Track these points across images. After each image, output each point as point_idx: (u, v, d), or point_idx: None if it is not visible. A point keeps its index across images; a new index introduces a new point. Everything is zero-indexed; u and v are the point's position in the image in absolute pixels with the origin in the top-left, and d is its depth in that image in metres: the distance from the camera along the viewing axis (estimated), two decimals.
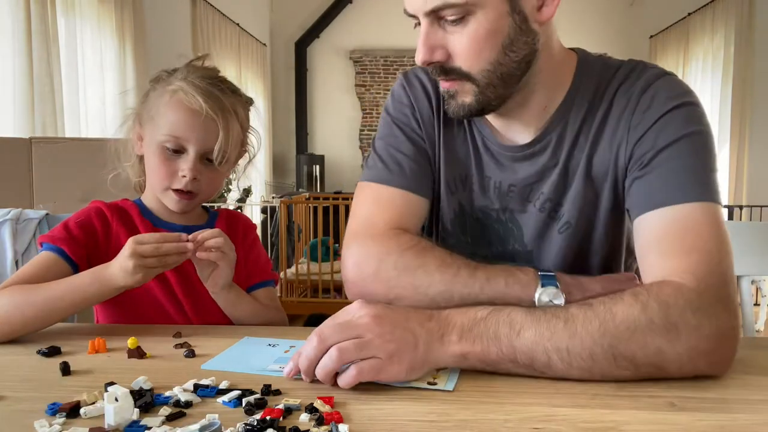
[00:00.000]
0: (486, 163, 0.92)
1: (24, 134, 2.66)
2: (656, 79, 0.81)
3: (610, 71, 0.85)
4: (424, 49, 0.77)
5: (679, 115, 0.78)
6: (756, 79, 4.98)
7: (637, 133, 0.80)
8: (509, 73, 0.78)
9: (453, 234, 0.96)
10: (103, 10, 3.63)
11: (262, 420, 0.54)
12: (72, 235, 0.95)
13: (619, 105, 0.83)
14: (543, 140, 0.86)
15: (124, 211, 1.01)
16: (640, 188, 0.78)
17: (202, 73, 0.98)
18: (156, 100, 0.97)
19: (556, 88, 0.85)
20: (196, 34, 4.98)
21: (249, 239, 1.09)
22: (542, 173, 0.88)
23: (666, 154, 0.76)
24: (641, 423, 0.55)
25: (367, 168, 0.93)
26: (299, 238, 3.92)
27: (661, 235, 0.73)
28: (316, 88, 7.62)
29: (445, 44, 0.77)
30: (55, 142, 2.10)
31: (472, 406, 0.58)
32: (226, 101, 0.97)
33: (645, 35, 6.86)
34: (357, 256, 0.83)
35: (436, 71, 0.79)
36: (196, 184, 0.97)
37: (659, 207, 0.74)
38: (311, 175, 7.18)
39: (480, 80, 0.78)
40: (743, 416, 0.56)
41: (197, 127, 0.94)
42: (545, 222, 0.89)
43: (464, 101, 0.80)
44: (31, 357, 0.76)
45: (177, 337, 0.84)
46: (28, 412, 0.57)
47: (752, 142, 5.00)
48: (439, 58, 0.77)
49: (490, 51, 0.76)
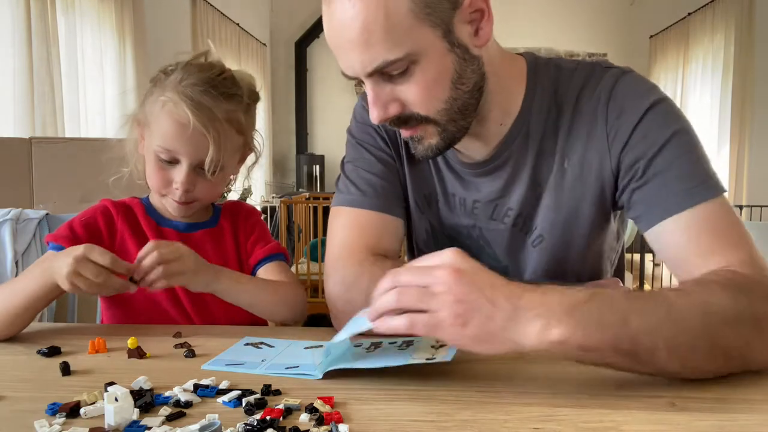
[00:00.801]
0: (449, 180, 0.91)
1: (24, 134, 2.65)
2: (617, 80, 0.80)
3: (564, 75, 0.83)
4: (377, 109, 0.74)
5: (657, 115, 0.77)
6: (756, 79, 4.98)
7: (618, 141, 0.79)
8: (465, 105, 0.77)
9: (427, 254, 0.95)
10: (103, 9, 3.63)
11: (262, 420, 0.54)
12: (75, 234, 0.95)
13: (586, 113, 0.81)
14: (503, 154, 0.85)
15: (129, 210, 1.02)
16: (647, 198, 0.77)
17: (196, 78, 0.94)
18: (150, 107, 0.96)
19: (510, 101, 0.83)
20: (196, 34, 4.97)
21: (250, 222, 1.08)
22: (505, 188, 0.86)
23: (661, 159, 0.76)
24: (641, 423, 0.55)
25: (338, 192, 0.92)
26: (299, 238, 3.92)
27: (692, 237, 0.73)
28: (316, 88, 7.62)
29: (396, 97, 0.74)
30: (55, 142, 2.10)
31: (472, 406, 0.58)
32: (219, 110, 0.93)
33: (645, 35, 6.86)
34: (342, 287, 0.82)
35: (394, 123, 0.77)
36: (191, 194, 0.96)
37: (677, 212, 0.74)
38: (311, 175, 7.17)
39: (440, 120, 0.76)
40: (743, 416, 0.56)
41: (186, 140, 0.92)
42: (517, 236, 0.88)
43: (431, 143, 0.79)
44: (31, 357, 0.76)
45: (177, 337, 0.84)
46: (28, 412, 0.57)
47: (752, 142, 5.00)
48: (394, 112, 0.75)
49: (442, 91, 0.74)
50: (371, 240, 0.86)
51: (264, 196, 6.35)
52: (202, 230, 1.04)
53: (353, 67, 0.73)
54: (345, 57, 0.73)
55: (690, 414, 0.56)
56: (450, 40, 0.72)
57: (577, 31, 6.77)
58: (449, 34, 0.72)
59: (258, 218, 1.10)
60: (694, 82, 5.80)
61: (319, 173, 7.23)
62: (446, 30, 0.72)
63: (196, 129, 0.91)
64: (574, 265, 0.88)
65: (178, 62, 0.98)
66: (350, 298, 0.81)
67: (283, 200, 3.86)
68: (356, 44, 0.70)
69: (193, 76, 0.95)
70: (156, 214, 1.03)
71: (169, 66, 0.99)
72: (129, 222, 1.00)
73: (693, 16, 5.83)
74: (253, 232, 1.07)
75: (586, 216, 0.84)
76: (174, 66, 0.98)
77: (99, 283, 0.79)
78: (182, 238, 1.01)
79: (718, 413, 0.57)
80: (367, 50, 0.70)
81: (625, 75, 0.81)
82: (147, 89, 1.00)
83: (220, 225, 1.06)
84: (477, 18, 0.74)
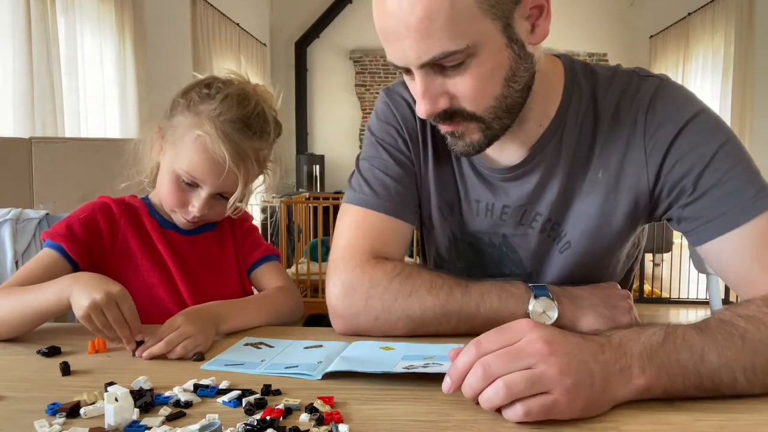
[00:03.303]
0: (474, 186, 0.88)
1: (24, 134, 2.65)
2: (656, 91, 0.79)
3: (602, 83, 0.82)
4: (426, 103, 0.71)
5: (699, 127, 0.76)
6: (756, 78, 4.98)
7: (656, 154, 0.77)
8: (513, 103, 0.75)
9: (448, 261, 0.94)
10: (103, 9, 3.63)
11: (262, 420, 0.54)
12: (72, 232, 0.93)
13: (625, 123, 0.80)
14: (535, 158, 0.83)
15: (132, 209, 1.01)
16: (702, 213, 0.75)
17: (234, 114, 0.93)
18: (182, 130, 0.94)
19: (549, 103, 0.82)
20: (196, 34, 4.97)
21: (245, 226, 1.10)
22: (535, 193, 0.85)
23: (712, 173, 0.74)
24: (641, 423, 0.55)
25: (351, 190, 0.89)
26: (299, 238, 3.92)
27: (753, 251, 0.72)
28: (316, 88, 7.62)
29: (446, 90, 0.71)
30: (55, 142, 2.10)
31: (472, 406, 0.58)
32: (250, 148, 0.95)
33: (645, 35, 6.86)
34: (342, 289, 0.81)
35: (439, 118, 0.74)
36: (204, 216, 0.98)
37: (736, 227, 0.72)
38: (311, 175, 7.17)
39: (486, 117, 0.74)
40: (743, 416, 0.56)
41: (216, 174, 0.93)
42: (545, 242, 0.87)
43: (472, 139, 0.76)
44: (31, 357, 0.76)
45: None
46: (28, 412, 0.57)
47: (752, 142, 4.99)
48: (443, 106, 0.72)
49: (494, 87, 0.72)
50: (376, 243, 0.84)
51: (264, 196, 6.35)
52: (205, 233, 1.04)
53: (406, 56, 0.69)
54: (397, 45, 0.69)
55: (690, 414, 0.56)
56: (508, 35, 0.70)
57: (577, 31, 6.77)
58: (508, 28, 0.69)
59: (251, 221, 1.12)
60: (694, 82, 5.79)
61: (319, 173, 7.23)
62: (506, 24, 0.69)
63: (230, 167, 0.93)
64: (595, 272, 0.88)
65: (212, 83, 0.97)
66: (350, 302, 0.81)
67: (283, 200, 3.86)
68: (414, 32, 0.66)
69: (231, 111, 0.94)
70: (158, 215, 1.03)
71: (203, 84, 0.97)
72: (132, 221, 1.00)
73: (693, 16, 5.83)
74: (249, 235, 1.09)
75: (616, 226, 0.83)
76: (209, 88, 0.96)
77: (115, 326, 0.76)
78: (186, 240, 1.01)
79: (718, 413, 0.57)
80: (426, 39, 0.66)
81: (663, 84, 0.80)
82: (175, 102, 0.97)
83: (220, 228, 1.07)
84: (535, 14, 0.72)
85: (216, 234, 1.06)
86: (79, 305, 0.76)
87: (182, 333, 0.76)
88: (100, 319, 0.75)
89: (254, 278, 1.06)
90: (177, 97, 0.98)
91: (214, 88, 0.96)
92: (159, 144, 0.99)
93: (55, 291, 0.80)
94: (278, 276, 1.06)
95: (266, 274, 1.06)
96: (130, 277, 0.96)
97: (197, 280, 0.99)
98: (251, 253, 1.07)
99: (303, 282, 3.49)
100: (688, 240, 0.79)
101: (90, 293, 0.75)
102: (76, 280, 0.80)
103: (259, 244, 1.08)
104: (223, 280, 1.02)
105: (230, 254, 1.05)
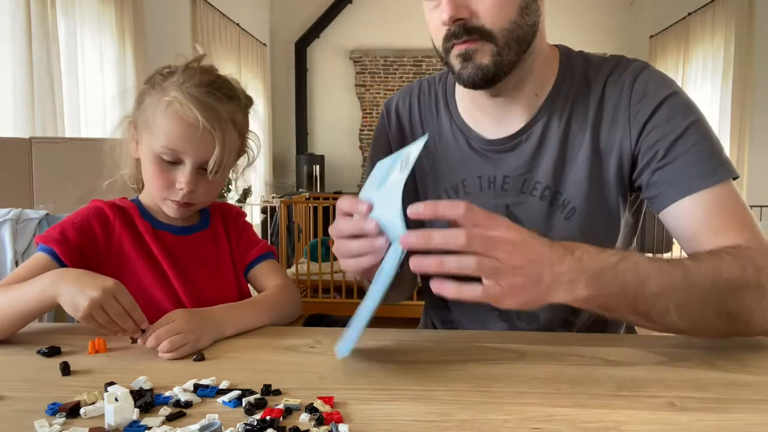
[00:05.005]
0: (474, 162, 0.95)
1: (24, 134, 2.66)
2: (642, 69, 0.88)
3: (594, 64, 0.91)
4: (451, 7, 0.79)
5: (677, 103, 0.84)
6: (756, 79, 4.98)
7: (638, 121, 0.85)
8: (523, 36, 0.83)
9: None
10: (103, 10, 3.63)
11: (262, 420, 0.54)
12: (65, 237, 0.93)
13: (612, 95, 0.88)
14: (529, 129, 0.90)
15: (125, 212, 1.01)
16: (667, 177, 0.82)
17: (198, 80, 0.95)
18: (152, 108, 0.95)
19: (545, 77, 0.90)
20: (196, 34, 4.98)
21: (239, 223, 1.10)
22: (531, 162, 0.91)
23: (682, 143, 0.82)
24: (641, 423, 0.55)
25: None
26: (299, 238, 3.92)
27: (707, 216, 0.79)
28: (316, 88, 7.62)
29: (467, 3, 0.80)
30: (55, 142, 2.11)
31: (472, 406, 0.58)
32: (223, 110, 0.95)
33: (645, 35, 6.86)
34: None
35: (458, 30, 0.81)
36: (193, 195, 0.97)
37: (694, 192, 0.79)
38: (311, 175, 7.18)
39: (500, 39, 0.81)
40: (743, 416, 0.56)
41: (194, 140, 0.92)
42: (548, 210, 0.91)
43: (482, 62, 0.82)
44: (31, 357, 0.76)
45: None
46: (28, 412, 0.57)
47: (752, 142, 5.00)
48: (464, 15, 0.80)
49: (511, 10, 0.81)
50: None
51: (264, 196, 6.35)
52: (198, 232, 1.04)
53: None
54: None
55: (690, 414, 0.56)
56: None
57: (577, 31, 6.77)
58: None
59: (245, 219, 1.12)
60: (694, 82, 5.80)
61: (319, 173, 7.23)
62: None
63: (204, 128, 0.92)
64: (601, 242, 0.89)
65: (172, 65, 0.98)
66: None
67: (283, 200, 3.86)
68: None
69: (195, 78, 0.95)
70: (150, 216, 1.02)
71: (164, 68, 0.98)
72: (127, 225, 0.99)
73: (693, 16, 5.83)
74: (244, 233, 1.09)
75: (612, 188, 0.89)
76: (170, 69, 0.98)
77: (117, 320, 0.76)
78: (180, 240, 1.01)
79: (718, 413, 0.57)
80: None
81: (648, 67, 0.89)
82: (142, 91, 0.99)
83: (213, 226, 1.06)
84: None
85: (210, 232, 1.05)
86: (77, 306, 0.75)
87: (171, 329, 0.77)
88: (102, 316, 0.76)
89: (252, 276, 1.06)
90: (142, 86, 0.99)
91: (175, 67, 0.98)
92: (134, 137, 0.99)
93: (37, 289, 0.79)
94: (277, 274, 1.06)
95: (265, 272, 1.06)
96: (126, 281, 0.94)
97: (193, 280, 0.98)
98: (248, 252, 1.07)
99: (303, 282, 3.49)
100: (653, 207, 0.86)
101: (86, 292, 0.75)
102: (62, 277, 0.79)
103: (255, 242, 1.08)
104: (219, 279, 1.02)
105: (225, 252, 1.05)
